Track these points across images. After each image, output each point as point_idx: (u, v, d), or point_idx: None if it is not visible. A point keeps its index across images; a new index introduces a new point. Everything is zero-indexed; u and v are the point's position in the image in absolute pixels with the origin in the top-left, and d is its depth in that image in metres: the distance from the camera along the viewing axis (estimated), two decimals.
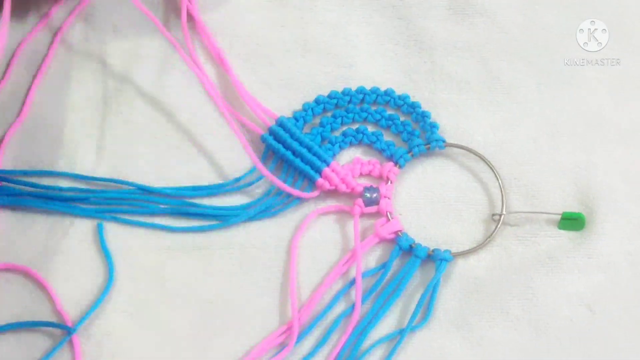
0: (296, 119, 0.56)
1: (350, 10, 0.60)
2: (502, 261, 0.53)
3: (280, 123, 0.55)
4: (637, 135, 0.56)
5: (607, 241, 0.53)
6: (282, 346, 0.50)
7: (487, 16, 0.60)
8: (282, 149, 0.54)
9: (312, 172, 0.53)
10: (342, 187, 0.53)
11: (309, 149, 0.54)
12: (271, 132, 0.55)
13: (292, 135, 0.55)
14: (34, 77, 0.58)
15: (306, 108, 0.56)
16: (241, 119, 0.56)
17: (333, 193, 0.54)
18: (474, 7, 0.60)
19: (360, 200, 0.53)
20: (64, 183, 0.55)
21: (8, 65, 0.58)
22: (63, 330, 0.50)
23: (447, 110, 0.57)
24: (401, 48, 0.59)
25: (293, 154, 0.54)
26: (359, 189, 0.53)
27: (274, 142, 0.55)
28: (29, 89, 0.58)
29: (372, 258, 0.53)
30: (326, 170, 0.53)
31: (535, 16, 0.60)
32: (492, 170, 0.55)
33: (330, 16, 0.60)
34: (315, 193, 0.54)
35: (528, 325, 0.51)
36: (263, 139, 0.55)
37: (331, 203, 0.54)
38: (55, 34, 0.59)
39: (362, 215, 0.53)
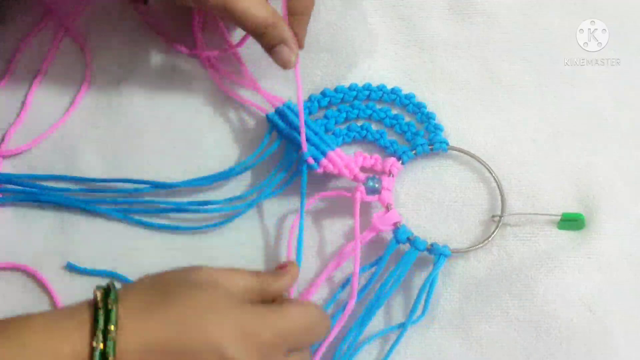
0: None
1: (350, 10, 0.60)
2: (502, 261, 0.53)
3: (288, 105, 0.55)
4: (637, 135, 0.57)
5: (607, 241, 0.53)
6: None
7: (487, 16, 0.60)
8: (288, 128, 0.54)
9: (316, 153, 0.53)
10: (345, 172, 0.53)
11: (315, 133, 0.54)
12: (277, 111, 0.55)
13: (298, 117, 0.54)
14: (34, 77, 0.58)
15: (312, 99, 0.57)
16: (247, 101, 0.56)
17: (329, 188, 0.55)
18: (475, 7, 0.60)
19: (362, 187, 0.52)
20: (66, 184, 0.55)
21: (8, 65, 0.58)
22: None
23: (448, 111, 0.57)
24: (401, 48, 0.59)
25: (298, 134, 0.53)
26: (362, 177, 0.53)
27: (279, 121, 0.54)
28: (29, 89, 0.58)
29: (369, 256, 0.53)
30: (331, 153, 0.53)
31: (536, 16, 0.60)
32: (492, 175, 0.55)
33: (330, 16, 0.60)
34: (320, 170, 0.53)
35: (528, 325, 0.51)
36: (269, 118, 0.55)
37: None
38: (55, 34, 0.59)
39: (362, 202, 0.52)
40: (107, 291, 0.40)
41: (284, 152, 0.55)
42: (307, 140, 0.53)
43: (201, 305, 0.40)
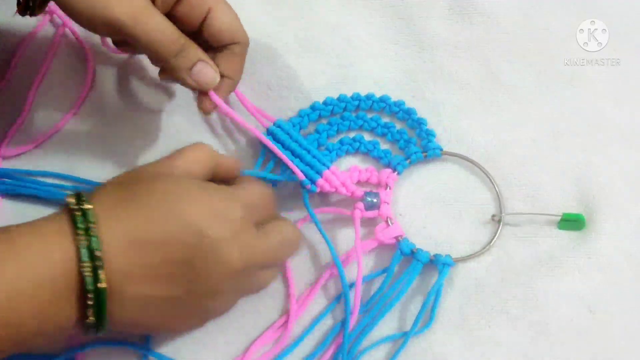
0: (292, 125, 0.56)
1: (350, 10, 0.60)
2: (503, 262, 0.53)
3: (279, 125, 0.55)
4: (637, 135, 0.57)
5: (607, 241, 0.53)
6: (279, 340, 0.51)
7: (487, 16, 0.60)
8: (281, 149, 0.53)
9: (312, 173, 0.53)
10: (342, 190, 0.53)
11: (308, 152, 0.54)
12: (269, 132, 0.55)
13: (291, 137, 0.54)
14: (34, 77, 0.58)
15: (302, 114, 0.56)
16: (239, 120, 0.56)
17: (327, 202, 0.55)
18: (475, 7, 0.60)
19: (360, 204, 0.53)
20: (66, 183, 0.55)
21: (8, 65, 0.58)
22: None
23: (448, 111, 0.57)
24: (402, 48, 0.59)
25: (292, 154, 0.54)
26: (360, 193, 0.53)
27: (272, 142, 0.54)
28: (29, 89, 0.58)
29: (367, 264, 0.53)
30: (327, 172, 0.53)
31: (536, 16, 0.60)
32: (488, 177, 0.55)
33: (330, 16, 0.60)
34: (317, 189, 0.53)
35: (528, 326, 0.51)
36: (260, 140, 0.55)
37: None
38: (55, 35, 0.59)
39: (361, 219, 0.53)
40: (78, 196, 0.41)
41: (281, 168, 0.54)
42: (301, 159, 0.53)
43: (172, 194, 0.42)
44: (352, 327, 0.50)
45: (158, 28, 0.45)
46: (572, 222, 0.53)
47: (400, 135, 0.56)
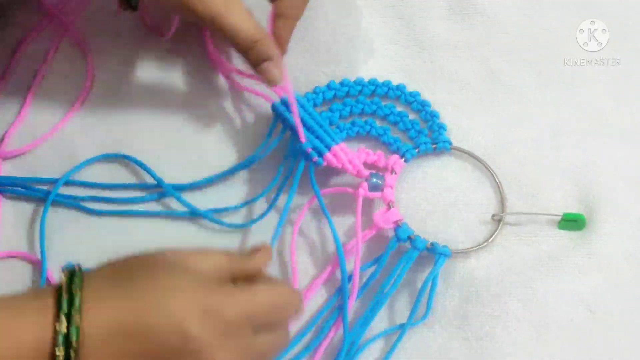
0: (307, 100, 0.56)
1: (350, 10, 0.60)
2: (502, 261, 0.53)
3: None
4: (638, 135, 0.57)
5: (607, 241, 0.53)
6: None
7: (487, 16, 0.60)
8: (292, 119, 0.53)
9: (321, 146, 0.53)
10: (349, 167, 0.53)
11: (320, 126, 0.54)
12: (283, 102, 0.55)
13: (304, 109, 0.54)
14: (34, 77, 0.58)
15: (317, 91, 0.57)
16: (253, 90, 0.56)
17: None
18: (475, 7, 0.60)
19: (365, 184, 0.53)
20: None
21: (8, 65, 0.58)
22: None
23: (448, 110, 0.57)
24: (401, 48, 0.59)
25: (303, 127, 0.53)
26: (365, 173, 0.53)
27: (285, 112, 0.54)
28: (29, 89, 0.58)
29: (370, 254, 0.53)
30: (335, 147, 0.53)
31: (536, 16, 0.60)
32: (493, 175, 0.55)
33: (330, 16, 0.60)
34: (324, 163, 0.53)
35: (528, 325, 0.51)
36: (274, 108, 0.55)
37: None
38: (55, 34, 0.59)
39: (364, 199, 0.52)
40: (72, 274, 0.39)
41: (289, 144, 0.54)
42: (312, 132, 0.53)
43: (164, 286, 0.39)
44: (350, 315, 0.50)
45: (237, 24, 0.50)
46: (572, 222, 0.53)
47: (412, 125, 0.56)
